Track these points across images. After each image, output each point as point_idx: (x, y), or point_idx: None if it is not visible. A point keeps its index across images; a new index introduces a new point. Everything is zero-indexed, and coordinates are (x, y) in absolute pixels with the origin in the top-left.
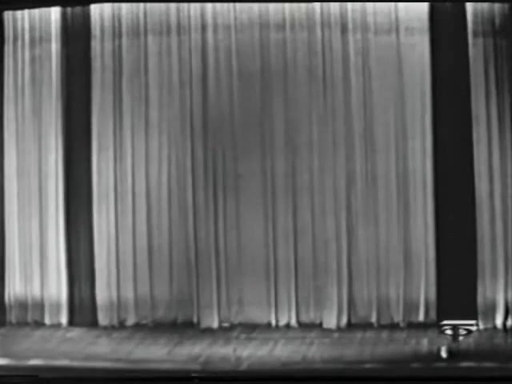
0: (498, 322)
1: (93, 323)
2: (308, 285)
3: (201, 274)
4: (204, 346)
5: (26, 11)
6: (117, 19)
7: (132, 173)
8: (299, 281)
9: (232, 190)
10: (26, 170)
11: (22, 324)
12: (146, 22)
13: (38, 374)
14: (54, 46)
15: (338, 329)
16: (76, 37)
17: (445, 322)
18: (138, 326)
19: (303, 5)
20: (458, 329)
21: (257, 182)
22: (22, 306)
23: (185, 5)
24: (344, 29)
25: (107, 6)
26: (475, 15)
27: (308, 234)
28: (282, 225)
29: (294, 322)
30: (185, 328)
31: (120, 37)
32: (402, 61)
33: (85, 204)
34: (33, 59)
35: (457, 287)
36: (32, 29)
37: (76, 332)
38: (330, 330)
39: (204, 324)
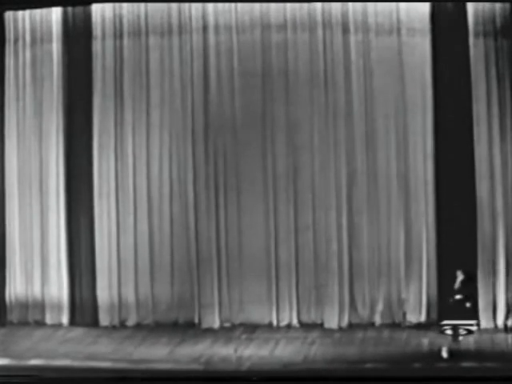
0: (499, 321)
1: (94, 323)
2: (309, 284)
3: (202, 274)
4: (205, 346)
5: (27, 11)
6: (118, 19)
7: (133, 172)
8: (300, 281)
9: (233, 189)
10: (27, 170)
11: (23, 324)
12: (147, 23)
13: (38, 374)
14: (55, 46)
15: (340, 329)
16: (77, 37)
17: (445, 321)
18: (138, 326)
19: (305, 5)
20: (459, 329)
21: (258, 181)
22: (23, 305)
23: (186, 5)
24: (345, 30)
25: (108, 6)
26: (476, 16)
27: (309, 233)
28: (283, 224)
29: (295, 321)
30: (186, 328)
31: (121, 37)
32: (404, 61)
33: (86, 204)
34: (34, 59)
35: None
36: (33, 29)
37: (77, 332)
38: (331, 330)
39: (205, 324)
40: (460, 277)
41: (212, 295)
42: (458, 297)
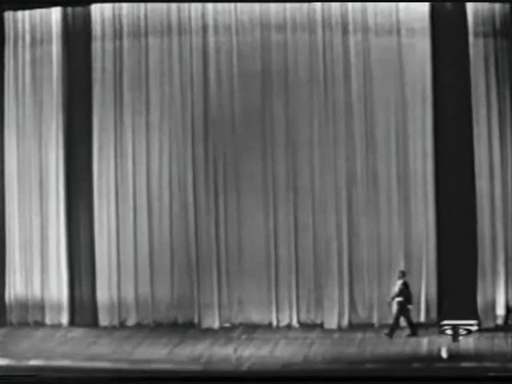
0: (499, 321)
1: (93, 323)
2: (309, 285)
3: (201, 275)
4: (205, 346)
5: (27, 11)
6: (117, 20)
7: (133, 173)
8: (300, 281)
9: (233, 189)
10: (27, 170)
11: (23, 324)
12: (146, 23)
13: (38, 375)
14: (55, 47)
15: (339, 329)
16: (77, 37)
17: (445, 321)
18: (138, 327)
19: (304, 5)
20: (459, 329)
21: (258, 181)
22: (23, 306)
23: (185, 5)
24: (345, 30)
25: (108, 7)
26: (476, 16)
27: (309, 233)
28: (282, 225)
29: (294, 322)
30: (185, 328)
31: (121, 37)
32: (403, 61)
33: (86, 204)
34: (34, 59)
35: (457, 287)
36: (33, 29)
37: (77, 332)
38: (330, 331)
39: (205, 324)
40: (401, 279)
41: (212, 295)
42: (398, 299)
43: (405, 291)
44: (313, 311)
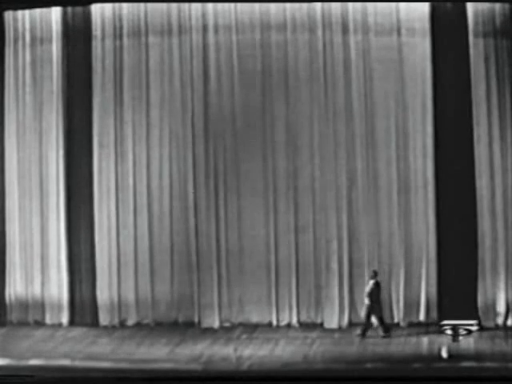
0: (499, 321)
1: (93, 323)
2: (309, 284)
3: (201, 274)
4: (205, 345)
5: (27, 11)
6: (118, 19)
7: (133, 172)
8: (300, 280)
9: (233, 189)
10: (26, 170)
11: (23, 324)
12: (146, 22)
13: (38, 374)
14: (55, 46)
15: (339, 329)
16: (77, 37)
17: (445, 321)
18: (138, 326)
19: (305, 5)
20: (459, 329)
21: (258, 181)
22: (23, 305)
23: (186, 5)
24: (345, 30)
25: (108, 6)
26: (476, 16)
27: (309, 233)
28: (283, 225)
29: (294, 321)
30: (186, 328)
31: (121, 37)
32: (403, 61)
33: (86, 205)
34: (34, 59)
35: (457, 287)
36: (33, 29)
37: (77, 332)
38: (330, 330)
39: (205, 324)
40: (373, 279)
41: (212, 295)
42: (367, 299)
43: (375, 291)
44: (313, 311)
